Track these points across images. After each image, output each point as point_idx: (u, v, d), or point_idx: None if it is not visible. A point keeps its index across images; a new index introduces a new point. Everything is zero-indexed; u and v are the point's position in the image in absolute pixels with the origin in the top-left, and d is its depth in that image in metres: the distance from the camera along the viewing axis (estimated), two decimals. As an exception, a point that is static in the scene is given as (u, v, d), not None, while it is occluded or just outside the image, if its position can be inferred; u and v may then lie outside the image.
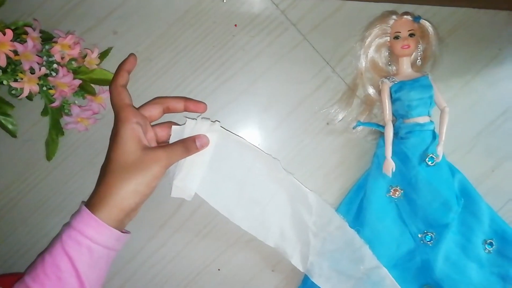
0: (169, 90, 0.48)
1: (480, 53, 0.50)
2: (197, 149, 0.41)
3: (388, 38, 0.47)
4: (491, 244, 0.46)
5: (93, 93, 0.47)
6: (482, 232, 0.46)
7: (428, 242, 0.46)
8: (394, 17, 0.47)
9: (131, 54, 0.43)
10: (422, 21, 0.46)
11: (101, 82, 0.47)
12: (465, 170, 0.49)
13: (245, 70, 0.49)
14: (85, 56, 0.45)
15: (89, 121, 0.46)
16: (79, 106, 0.46)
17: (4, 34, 0.40)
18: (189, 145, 0.40)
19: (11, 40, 0.40)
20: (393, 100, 0.46)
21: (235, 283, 0.50)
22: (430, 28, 0.47)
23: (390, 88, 0.46)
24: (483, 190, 0.49)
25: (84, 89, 0.47)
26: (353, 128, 0.49)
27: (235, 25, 0.49)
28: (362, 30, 0.48)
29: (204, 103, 0.44)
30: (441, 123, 0.45)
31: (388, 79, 0.46)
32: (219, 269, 0.50)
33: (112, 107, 0.40)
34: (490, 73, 0.50)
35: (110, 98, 0.41)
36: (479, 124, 0.50)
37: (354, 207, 0.48)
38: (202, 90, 0.49)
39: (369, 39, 0.47)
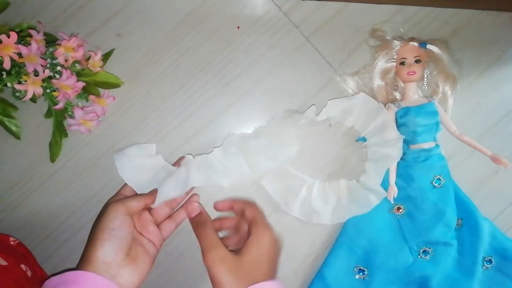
0: (172, 92, 0.49)
1: (482, 54, 0.50)
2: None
3: (393, 63, 0.47)
4: (490, 261, 0.46)
5: (97, 94, 0.47)
6: (482, 249, 0.46)
7: (425, 257, 0.46)
8: (399, 43, 0.47)
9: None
10: (429, 46, 0.46)
11: (104, 84, 0.47)
12: (467, 172, 0.49)
13: (248, 72, 0.49)
14: (89, 58, 0.46)
15: (92, 123, 0.47)
16: (82, 108, 0.46)
17: (9, 36, 0.40)
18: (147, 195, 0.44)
19: (15, 43, 0.41)
20: (398, 125, 0.46)
21: (238, 285, 0.50)
22: (438, 51, 0.46)
23: (396, 113, 0.46)
24: (485, 192, 0.49)
25: (88, 91, 0.47)
26: (356, 140, 0.49)
27: (238, 27, 0.49)
28: (364, 33, 0.49)
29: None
30: (470, 145, 0.46)
31: (394, 104, 0.46)
32: (221, 271, 0.50)
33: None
34: (493, 74, 0.50)
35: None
36: (482, 125, 0.50)
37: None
38: (205, 92, 0.49)
39: (376, 68, 0.47)
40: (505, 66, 0.50)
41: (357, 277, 0.47)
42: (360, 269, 0.47)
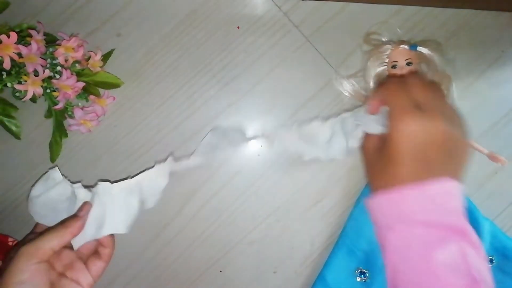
0: (172, 91, 0.49)
1: (482, 54, 0.50)
2: (78, 220, 0.37)
3: (386, 67, 0.47)
4: (491, 261, 0.46)
5: (97, 94, 0.47)
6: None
7: None
8: (390, 46, 0.46)
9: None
10: (419, 48, 0.46)
11: (104, 84, 0.47)
12: (467, 172, 0.48)
13: (248, 72, 0.49)
14: (89, 58, 0.46)
15: (92, 123, 0.47)
16: (82, 108, 0.46)
17: (9, 36, 0.40)
18: (65, 223, 0.36)
19: (15, 43, 0.41)
20: None
21: (237, 285, 0.50)
22: (429, 53, 0.46)
23: None
24: (485, 192, 0.49)
25: (88, 91, 0.47)
26: None
27: (238, 27, 0.49)
28: (363, 33, 0.49)
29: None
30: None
31: None
32: (221, 271, 0.50)
33: None
34: (493, 74, 0.50)
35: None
36: (482, 125, 0.50)
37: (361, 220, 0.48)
38: (205, 92, 0.49)
39: (368, 72, 0.47)
40: (505, 67, 0.50)
41: (358, 279, 0.47)
42: (361, 271, 0.47)
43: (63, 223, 0.37)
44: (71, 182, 0.42)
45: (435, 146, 0.29)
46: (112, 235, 0.40)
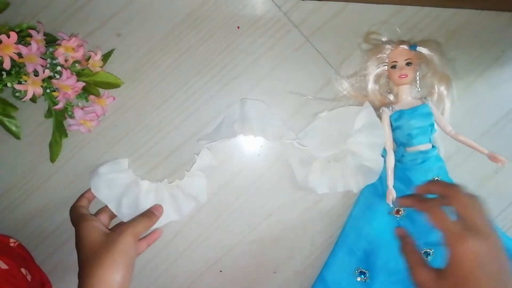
0: (172, 92, 0.49)
1: (482, 54, 0.50)
2: (157, 217, 0.45)
3: (386, 67, 0.47)
4: None
5: (97, 94, 0.47)
6: None
7: (426, 259, 0.46)
8: (390, 46, 0.47)
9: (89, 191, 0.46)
10: (419, 48, 0.46)
11: (104, 84, 0.47)
12: (468, 172, 0.49)
13: (248, 72, 0.49)
14: (89, 58, 0.46)
15: (92, 123, 0.47)
16: (82, 108, 0.46)
17: (9, 36, 0.40)
18: (150, 215, 0.45)
19: (15, 43, 0.41)
20: (393, 129, 0.46)
21: (237, 285, 0.50)
22: (428, 53, 0.46)
23: (390, 117, 0.46)
24: (485, 193, 0.49)
25: (88, 91, 0.47)
26: None
27: (238, 27, 0.49)
28: (363, 33, 0.49)
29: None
30: (466, 144, 0.45)
31: (388, 107, 0.46)
32: (221, 271, 0.50)
33: (73, 225, 0.43)
34: (493, 74, 0.50)
35: (71, 219, 0.44)
36: (482, 125, 0.50)
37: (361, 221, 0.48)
38: (205, 91, 0.49)
39: (368, 72, 0.47)
40: (505, 66, 0.50)
41: (358, 279, 0.47)
42: (361, 271, 0.47)
43: (146, 216, 0.44)
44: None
45: (500, 263, 0.28)
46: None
